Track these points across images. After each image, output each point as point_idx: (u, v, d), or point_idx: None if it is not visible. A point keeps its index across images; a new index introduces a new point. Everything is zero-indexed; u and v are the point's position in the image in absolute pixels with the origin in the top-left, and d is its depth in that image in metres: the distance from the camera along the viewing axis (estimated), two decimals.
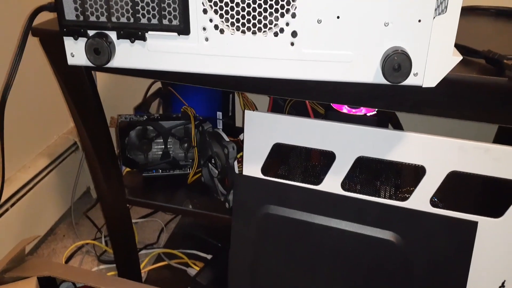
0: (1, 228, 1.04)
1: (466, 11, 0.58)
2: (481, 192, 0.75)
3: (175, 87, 1.08)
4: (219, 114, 1.07)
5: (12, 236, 1.09)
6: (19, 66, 0.70)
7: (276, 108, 1.00)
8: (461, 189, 0.72)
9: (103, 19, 0.60)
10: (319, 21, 0.55)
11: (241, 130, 0.80)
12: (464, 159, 0.64)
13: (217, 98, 1.07)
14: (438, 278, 0.70)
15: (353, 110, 0.79)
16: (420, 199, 0.67)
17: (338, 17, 0.55)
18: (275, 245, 0.77)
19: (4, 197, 1.05)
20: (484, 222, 0.65)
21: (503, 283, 0.68)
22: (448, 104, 0.60)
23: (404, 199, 0.68)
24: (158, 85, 1.14)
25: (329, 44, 0.56)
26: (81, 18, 0.60)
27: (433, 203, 0.67)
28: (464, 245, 0.67)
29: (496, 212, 0.65)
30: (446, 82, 0.56)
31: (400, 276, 0.71)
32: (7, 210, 1.07)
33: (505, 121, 0.60)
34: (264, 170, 0.75)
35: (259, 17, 0.56)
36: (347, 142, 0.69)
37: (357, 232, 0.71)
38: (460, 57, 0.54)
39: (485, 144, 0.63)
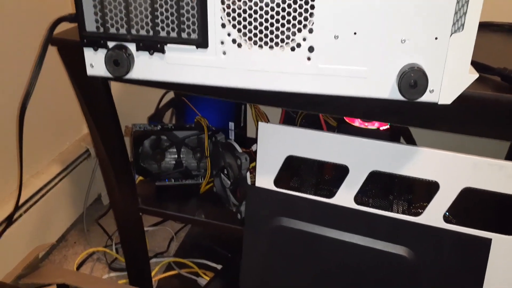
0: (14, 233, 1.05)
1: (481, 27, 0.58)
2: (495, 209, 0.75)
3: (188, 97, 1.09)
4: (231, 125, 1.08)
5: (25, 242, 1.10)
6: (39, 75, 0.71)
7: (288, 119, 1.01)
8: (475, 205, 0.72)
9: (123, 31, 0.61)
10: (336, 37, 0.56)
11: (252, 141, 0.80)
12: (478, 176, 0.64)
13: (229, 109, 1.08)
14: None
15: (366, 124, 0.80)
16: (433, 215, 0.67)
17: (355, 33, 0.55)
18: (286, 257, 0.77)
19: None
20: (498, 239, 0.65)
21: None
22: (463, 120, 0.60)
23: (417, 214, 0.68)
24: (171, 95, 1.15)
25: (346, 60, 0.57)
26: (101, 29, 0.61)
27: (446, 219, 0.67)
28: (477, 262, 0.66)
29: (511, 229, 0.65)
30: (461, 99, 0.56)
31: None
32: (20, 215, 1.08)
33: None
34: (276, 182, 0.75)
35: (277, 32, 0.57)
36: (361, 156, 0.69)
37: (369, 247, 0.71)
38: (476, 75, 0.54)
39: (500, 161, 0.63)
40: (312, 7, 0.55)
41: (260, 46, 0.58)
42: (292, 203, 0.75)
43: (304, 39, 0.57)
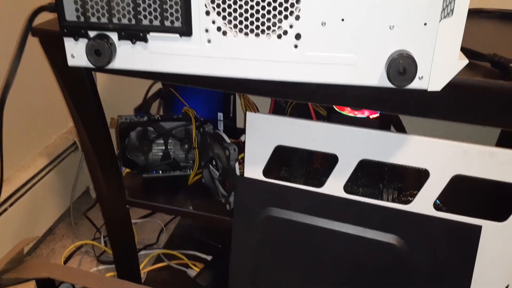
0: (0, 228, 1.04)
1: (471, 14, 0.57)
2: (485, 196, 0.75)
3: (175, 88, 1.08)
4: (220, 115, 1.07)
5: (11, 236, 1.08)
6: (18, 66, 0.69)
7: (277, 109, 0.99)
8: (465, 192, 0.72)
9: (104, 20, 0.59)
10: (323, 24, 0.54)
11: (242, 131, 0.79)
12: (468, 163, 0.63)
13: (218, 99, 1.06)
14: (441, 282, 0.69)
15: (356, 112, 0.79)
16: (423, 203, 0.67)
17: (342, 20, 0.54)
18: (277, 247, 0.77)
19: (3, 197, 1.05)
20: (488, 226, 0.65)
21: (506, 287, 0.67)
22: (453, 107, 0.59)
23: (407, 202, 0.68)
24: (158, 85, 1.13)
25: (334, 47, 0.55)
26: (82, 19, 0.59)
27: (436, 207, 0.67)
28: (467, 249, 0.66)
29: (500, 216, 0.65)
30: (451, 85, 0.55)
31: (402, 279, 0.71)
32: (5, 209, 1.06)
33: (510, 125, 0.59)
34: (265, 172, 0.74)
35: (263, 19, 0.55)
36: (350, 144, 0.68)
37: (359, 235, 0.70)
38: (466, 61, 0.54)
39: (490, 148, 0.62)
40: None
41: (246, 34, 0.57)
42: (282, 193, 0.74)
43: (291, 26, 0.55)
